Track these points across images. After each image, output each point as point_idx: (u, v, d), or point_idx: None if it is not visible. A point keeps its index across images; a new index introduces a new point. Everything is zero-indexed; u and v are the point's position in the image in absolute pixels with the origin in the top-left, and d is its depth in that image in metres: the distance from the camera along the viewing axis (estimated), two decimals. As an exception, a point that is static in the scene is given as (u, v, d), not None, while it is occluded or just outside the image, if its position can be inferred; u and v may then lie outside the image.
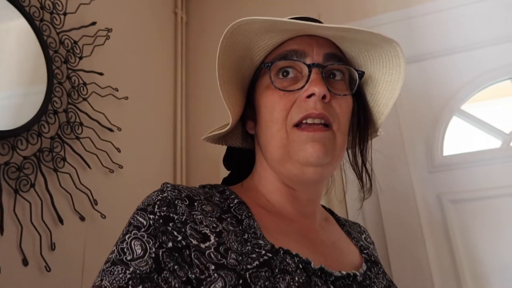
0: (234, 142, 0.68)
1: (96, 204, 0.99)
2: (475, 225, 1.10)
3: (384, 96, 0.59)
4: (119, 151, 1.12)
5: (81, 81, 1.01)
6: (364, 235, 0.71)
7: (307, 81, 0.53)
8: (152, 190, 0.50)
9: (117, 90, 1.15)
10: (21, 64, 0.86)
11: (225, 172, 0.72)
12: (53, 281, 0.83)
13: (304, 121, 0.53)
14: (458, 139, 1.21)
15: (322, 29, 0.53)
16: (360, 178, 0.63)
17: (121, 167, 1.11)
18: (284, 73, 0.56)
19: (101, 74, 1.08)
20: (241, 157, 0.69)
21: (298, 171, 0.53)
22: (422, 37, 1.29)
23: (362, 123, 0.62)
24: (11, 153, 0.79)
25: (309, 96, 0.52)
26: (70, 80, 0.98)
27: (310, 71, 0.54)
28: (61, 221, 0.87)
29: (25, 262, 0.78)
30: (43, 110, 0.88)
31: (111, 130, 1.09)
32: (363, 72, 0.59)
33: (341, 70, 0.58)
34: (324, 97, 0.52)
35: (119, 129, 1.13)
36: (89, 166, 0.99)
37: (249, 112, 0.62)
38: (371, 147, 0.64)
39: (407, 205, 1.16)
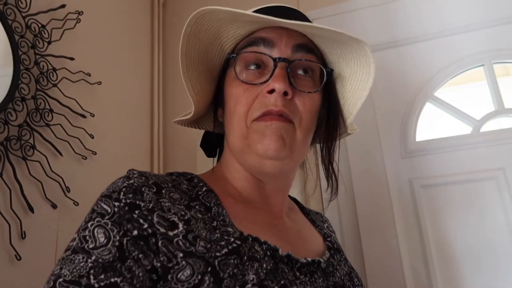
0: (207, 126, 0.68)
1: (69, 192, 0.98)
2: (444, 209, 1.13)
3: (353, 96, 0.59)
4: (92, 138, 1.10)
5: (50, 67, 0.99)
6: (327, 224, 0.72)
7: (271, 75, 0.52)
8: (128, 175, 0.50)
9: (90, 75, 1.13)
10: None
11: (202, 158, 0.72)
12: (24, 270, 0.83)
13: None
14: (431, 124, 1.23)
15: (287, 25, 0.52)
16: (326, 177, 0.62)
17: (94, 153, 1.10)
18: (253, 65, 0.55)
19: (71, 59, 1.06)
20: (220, 141, 0.69)
21: (256, 163, 0.53)
22: (399, 22, 1.29)
23: (332, 121, 0.61)
24: (-24, 142, 0.78)
25: (270, 92, 0.52)
26: (39, 65, 0.96)
27: (275, 66, 0.53)
28: (31, 209, 0.87)
29: (-7, 252, 0.78)
30: (10, 97, 0.86)
31: (83, 116, 1.08)
32: (332, 70, 0.58)
33: (310, 66, 0.56)
34: (286, 93, 0.52)
35: (92, 115, 1.12)
36: (60, 154, 0.98)
37: (219, 99, 0.62)
38: (339, 146, 0.64)
39: (380, 189, 1.18)
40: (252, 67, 0.55)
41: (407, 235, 1.14)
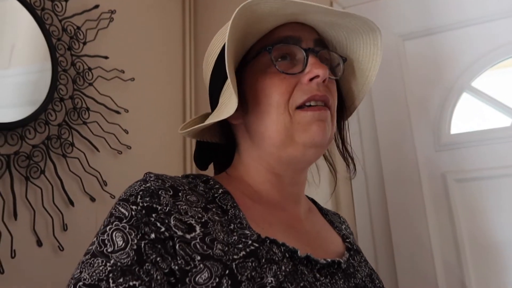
0: (210, 136, 0.65)
1: (106, 185, 1.04)
2: (480, 205, 1.09)
3: (355, 86, 0.63)
4: (127, 133, 1.15)
5: (85, 67, 1.04)
6: (344, 225, 0.72)
7: (305, 65, 0.54)
8: (161, 168, 0.51)
9: (123, 72, 1.17)
10: (26, 56, 0.89)
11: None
12: (67, 259, 0.90)
13: (307, 104, 0.54)
14: (467, 116, 1.18)
15: (326, 14, 0.54)
16: (344, 158, 0.67)
17: (129, 147, 1.15)
18: (282, 57, 0.56)
19: (106, 57, 1.10)
20: (212, 152, 0.68)
21: (299, 153, 0.54)
22: (436, 8, 1.23)
23: (338, 107, 0.64)
24: (20, 143, 0.84)
25: (311, 79, 0.54)
26: (75, 66, 1.01)
27: (307, 56, 0.55)
28: (72, 203, 0.93)
29: (39, 243, 0.84)
30: (49, 98, 0.91)
31: (118, 112, 1.12)
32: (346, 59, 0.61)
33: (329, 56, 0.60)
34: (324, 80, 0.54)
35: (126, 110, 1.16)
36: (97, 149, 1.03)
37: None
38: (349, 130, 0.68)
39: (412, 183, 1.16)
40: (282, 59, 0.56)
41: (440, 230, 1.12)
